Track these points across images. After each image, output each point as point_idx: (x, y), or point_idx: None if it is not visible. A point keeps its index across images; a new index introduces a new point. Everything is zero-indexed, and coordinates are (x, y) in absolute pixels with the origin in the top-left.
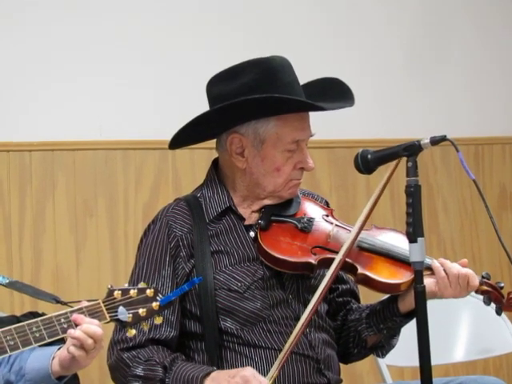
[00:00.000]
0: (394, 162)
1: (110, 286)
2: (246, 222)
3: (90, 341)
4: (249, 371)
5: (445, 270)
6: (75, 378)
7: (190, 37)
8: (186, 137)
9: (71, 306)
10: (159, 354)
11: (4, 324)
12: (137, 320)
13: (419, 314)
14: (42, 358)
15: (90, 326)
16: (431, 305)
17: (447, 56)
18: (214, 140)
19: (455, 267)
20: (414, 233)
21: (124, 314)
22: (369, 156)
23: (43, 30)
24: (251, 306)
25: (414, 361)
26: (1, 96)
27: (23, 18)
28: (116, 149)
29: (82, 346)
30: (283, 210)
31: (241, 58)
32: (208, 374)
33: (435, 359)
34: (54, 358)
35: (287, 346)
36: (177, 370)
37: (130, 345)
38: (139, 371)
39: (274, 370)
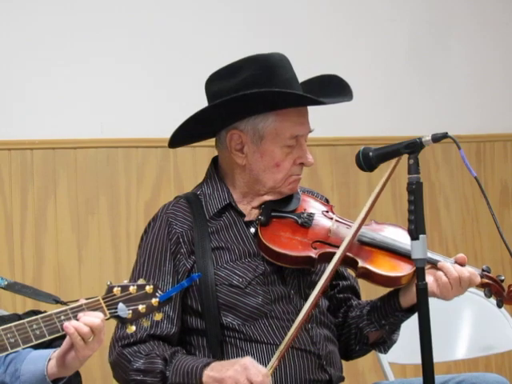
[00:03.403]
0: (395, 159)
1: (109, 283)
2: (246, 219)
3: (86, 329)
4: (248, 360)
5: (446, 275)
6: (77, 376)
7: (192, 35)
8: (186, 135)
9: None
10: (160, 348)
11: (6, 323)
12: (136, 316)
13: (421, 311)
14: (38, 361)
15: (86, 318)
16: (433, 302)
17: (450, 54)
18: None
19: (456, 271)
20: (415, 230)
21: (124, 310)
22: (370, 153)
23: (44, 28)
24: (253, 301)
25: (416, 358)
26: (2, 94)
27: (24, 15)
28: (117, 147)
29: (78, 333)
30: (283, 206)
31: (242, 57)
32: (208, 364)
33: (437, 357)
34: (50, 360)
35: (287, 337)
36: (177, 362)
37: (131, 341)
38: (140, 365)
39: (273, 360)
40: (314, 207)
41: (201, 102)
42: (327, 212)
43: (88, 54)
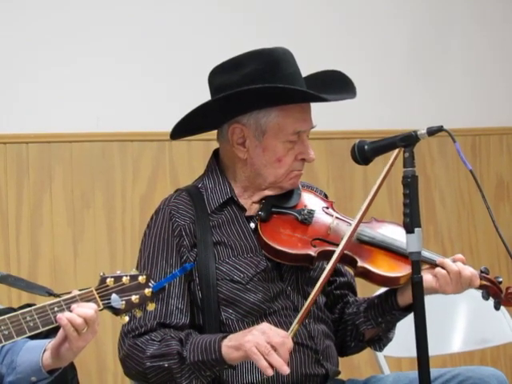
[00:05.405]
0: (394, 154)
1: (102, 274)
2: (247, 213)
3: (79, 320)
4: (265, 324)
5: (446, 269)
6: (72, 369)
7: (189, 30)
8: (188, 127)
9: None
10: (173, 332)
11: (1, 316)
12: (130, 307)
13: (417, 304)
14: (34, 351)
15: (79, 309)
16: (428, 295)
17: (446, 47)
18: (211, 131)
19: (456, 266)
20: (411, 223)
21: (117, 301)
22: (365, 147)
23: (41, 20)
24: (253, 297)
25: (412, 352)
26: None
27: (22, 10)
28: (113, 140)
29: (72, 325)
30: (284, 202)
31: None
32: (225, 337)
33: (433, 350)
34: (45, 351)
35: (306, 304)
36: (193, 340)
37: (142, 330)
38: (154, 350)
39: (294, 324)
40: (314, 203)
41: (198, 96)
42: (327, 208)
43: (84, 49)
